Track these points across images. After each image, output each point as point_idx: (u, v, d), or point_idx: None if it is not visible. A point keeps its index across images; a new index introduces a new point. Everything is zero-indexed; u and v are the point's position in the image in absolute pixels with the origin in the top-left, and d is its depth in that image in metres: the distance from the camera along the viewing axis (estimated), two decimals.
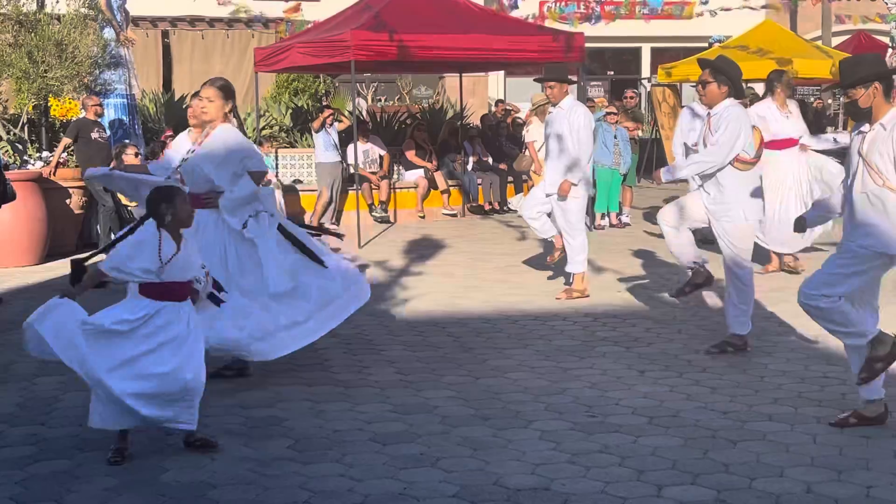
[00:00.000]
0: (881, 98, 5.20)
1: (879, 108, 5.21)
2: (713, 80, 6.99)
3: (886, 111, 5.19)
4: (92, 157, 12.51)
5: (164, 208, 4.98)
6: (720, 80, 6.98)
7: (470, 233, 14.38)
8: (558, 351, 7.24)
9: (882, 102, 5.20)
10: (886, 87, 5.21)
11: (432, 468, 4.88)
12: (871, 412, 5.43)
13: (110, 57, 13.97)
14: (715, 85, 6.99)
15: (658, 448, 5.13)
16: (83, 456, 5.13)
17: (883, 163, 5.14)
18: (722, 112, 6.98)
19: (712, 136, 6.97)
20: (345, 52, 13.44)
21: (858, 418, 5.42)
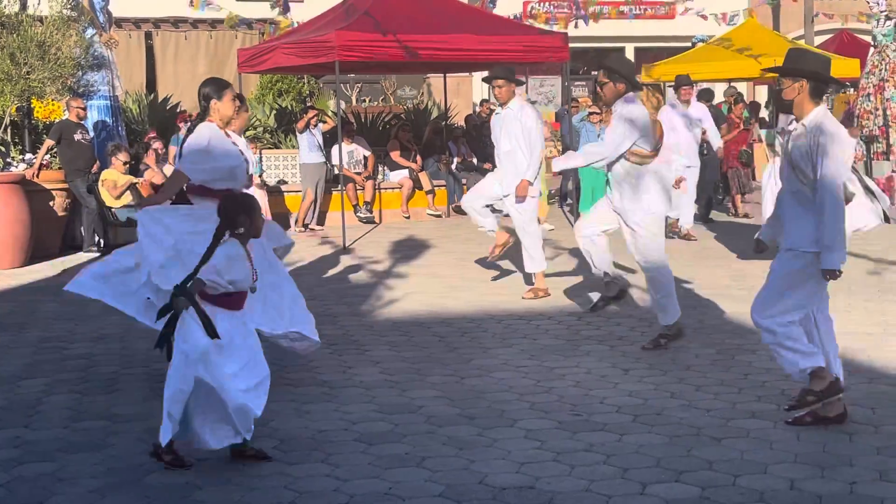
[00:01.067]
0: (806, 96, 5.23)
1: (804, 106, 5.24)
2: (608, 80, 7.12)
3: (810, 111, 5.21)
4: (75, 159, 12.48)
5: (243, 219, 4.92)
6: (615, 78, 7.11)
7: (455, 233, 14.39)
8: (543, 350, 7.25)
9: (807, 101, 5.23)
10: (815, 87, 5.23)
11: (417, 468, 4.88)
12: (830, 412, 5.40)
13: (93, 58, 13.92)
14: (611, 84, 7.12)
15: (642, 446, 5.15)
16: (67, 458, 5.11)
17: (804, 162, 5.16)
18: (619, 109, 7.12)
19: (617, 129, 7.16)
20: (329, 53, 13.44)
21: (815, 417, 5.41)
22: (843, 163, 5.16)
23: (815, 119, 5.18)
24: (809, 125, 5.18)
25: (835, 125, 5.18)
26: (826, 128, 5.13)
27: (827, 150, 5.08)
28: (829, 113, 5.29)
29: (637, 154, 7.10)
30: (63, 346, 7.68)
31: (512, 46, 14.73)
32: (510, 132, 8.99)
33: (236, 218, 4.93)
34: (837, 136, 5.13)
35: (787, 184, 5.33)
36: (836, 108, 22.64)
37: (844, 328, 7.66)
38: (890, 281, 9.68)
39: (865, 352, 6.96)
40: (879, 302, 8.68)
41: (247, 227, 4.95)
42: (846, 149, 5.19)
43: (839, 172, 5.12)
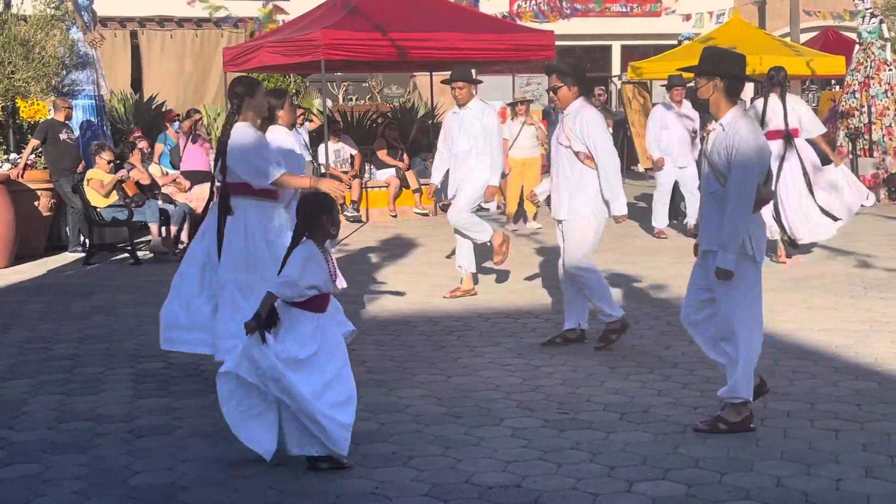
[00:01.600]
0: (722, 96, 5.21)
1: (720, 106, 5.22)
2: (561, 84, 7.02)
3: (727, 111, 5.20)
4: (61, 158, 12.42)
5: (325, 219, 4.83)
6: (568, 82, 7.01)
7: (442, 231, 14.34)
8: (530, 348, 7.24)
9: (723, 101, 5.21)
10: (729, 86, 5.20)
11: (404, 467, 4.87)
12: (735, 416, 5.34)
13: (77, 57, 13.85)
14: (565, 88, 7.03)
15: (629, 444, 5.15)
16: (52, 459, 5.09)
17: (721, 163, 5.15)
18: (575, 112, 7.00)
19: (564, 136, 7.04)
20: (315, 52, 13.41)
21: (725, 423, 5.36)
22: (756, 164, 5.11)
23: (732, 119, 5.17)
24: (727, 125, 5.17)
25: (751, 127, 5.17)
26: (742, 129, 5.11)
27: (740, 151, 5.06)
28: (747, 113, 5.28)
29: (589, 157, 7.05)
30: (48, 346, 7.64)
31: (498, 45, 14.73)
32: (469, 132, 9.02)
33: (317, 219, 4.82)
34: (752, 137, 5.11)
35: (705, 184, 5.31)
36: (822, 106, 22.71)
37: (830, 325, 7.71)
38: (875, 277, 9.70)
39: (851, 348, 6.98)
40: (865, 299, 8.70)
41: (327, 227, 4.85)
42: (761, 151, 5.14)
43: (749, 174, 5.08)
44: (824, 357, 6.79)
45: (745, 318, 5.22)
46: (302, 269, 4.71)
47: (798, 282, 9.59)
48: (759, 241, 5.19)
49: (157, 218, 12.13)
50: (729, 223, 5.08)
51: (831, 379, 6.26)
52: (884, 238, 12.46)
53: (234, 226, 6.29)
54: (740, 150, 5.05)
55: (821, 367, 6.52)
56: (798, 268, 10.39)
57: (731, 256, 5.09)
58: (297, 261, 4.73)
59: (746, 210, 5.09)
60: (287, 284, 4.71)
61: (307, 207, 4.85)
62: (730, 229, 5.08)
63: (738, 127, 5.12)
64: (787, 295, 8.96)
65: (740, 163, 5.05)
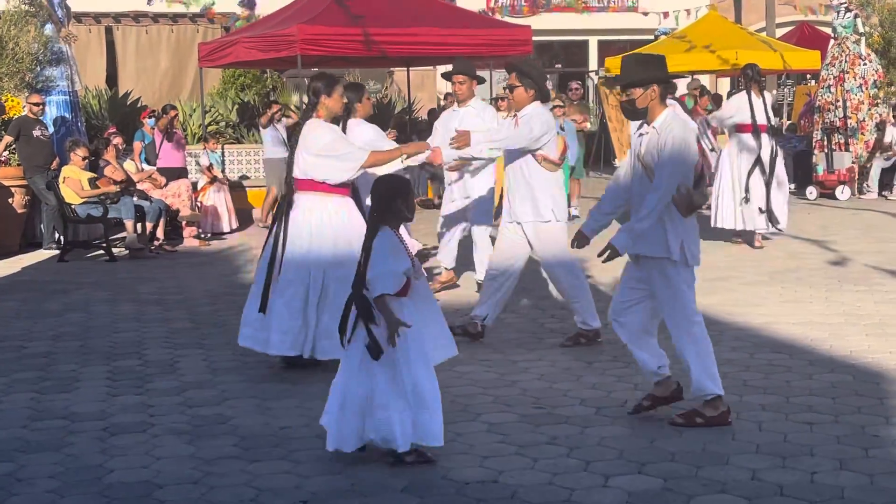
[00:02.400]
0: (657, 101, 5.25)
1: (654, 110, 5.26)
2: (520, 84, 6.94)
3: (660, 113, 5.24)
4: (34, 155, 12.34)
5: (400, 203, 4.76)
6: (526, 83, 6.93)
7: (418, 227, 14.31)
8: (506, 344, 7.24)
9: (657, 105, 5.25)
10: (663, 90, 5.26)
11: (379, 463, 4.85)
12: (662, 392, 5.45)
13: (51, 53, 13.76)
14: (522, 89, 6.95)
15: (605, 438, 5.15)
16: (26, 458, 5.04)
17: (654, 163, 5.18)
18: (530, 113, 6.93)
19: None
20: (291, 47, 13.37)
21: (653, 400, 5.46)
22: (685, 161, 5.14)
23: (666, 121, 5.21)
24: (660, 127, 5.20)
25: (683, 128, 5.20)
26: (675, 129, 5.15)
27: (672, 148, 5.11)
28: (678, 115, 5.33)
29: (548, 160, 7.02)
30: (21, 344, 7.58)
31: (475, 40, 14.74)
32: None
33: (393, 203, 4.76)
34: (684, 138, 5.15)
35: (637, 186, 5.31)
36: (798, 100, 22.84)
37: (805, 318, 7.75)
38: (850, 271, 9.75)
39: (827, 341, 7.01)
40: (840, 292, 8.75)
41: (403, 211, 4.79)
42: (691, 152, 5.18)
43: (678, 169, 5.12)
44: (799, 350, 6.82)
45: (681, 320, 5.28)
46: (393, 258, 4.67)
47: (773, 275, 9.63)
48: (692, 247, 5.26)
49: (133, 215, 12.06)
50: (644, 214, 5.12)
51: (806, 372, 6.28)
52: (858, 232, 12.54)
53: (302, 223, 6.37)
54: (672, 147, 5.11)
55: (796, 361, 6.55)
56: (774, 262, 10.44)
57: (628, 242, 5.12)
58: (384, 252, 4.67)
59: (665, 203, 5.12)
60: (390, 276, 4.65)
61: (382, 192, 4.78)
62: (642, 219, 5.12)
63: (671, 127, 5.17)
64: (762, 288, 8.99)
65: (670, 158, 5.10)
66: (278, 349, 6.37)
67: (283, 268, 6.36)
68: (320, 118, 6.40)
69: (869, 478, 4.53)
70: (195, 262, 11.71)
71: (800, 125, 20.18)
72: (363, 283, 4.68)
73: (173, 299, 9.30)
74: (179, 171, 13.94)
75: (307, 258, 6.33)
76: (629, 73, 5.30)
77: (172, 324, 8.21)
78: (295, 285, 6.34)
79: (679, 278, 5.24)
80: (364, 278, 4.67)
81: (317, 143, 6.29)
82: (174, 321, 8.32)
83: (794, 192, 17.65)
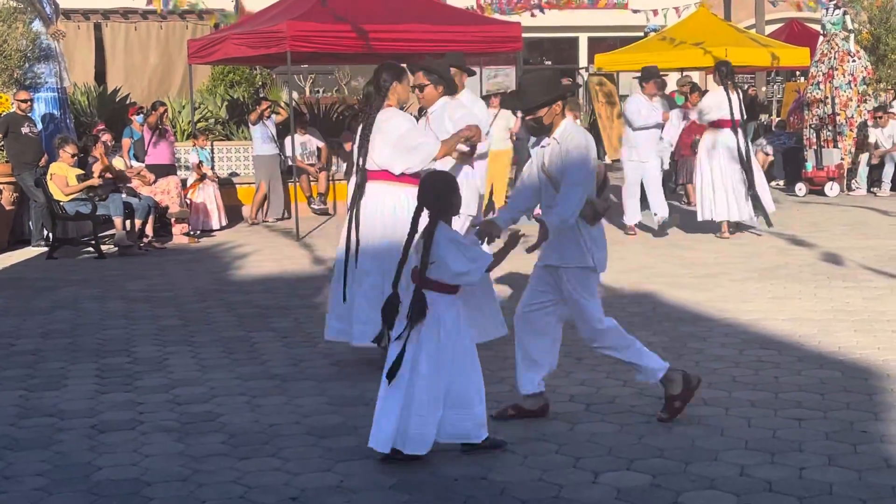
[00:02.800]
0: (559, 115, 5.32)
1: (556, 123, 5.32)
2: (428, 82, 6.94)
3: (559, 124, 5.30)
4: (23, 152, 12.31)
5: (455, 198, 4.84)
6: (433, 79, 6.94)
7: None
8: (496, 340, 7.21)
9: (559, 118, 5.32)
10: (565, 105, 5.36)
11: (368, 460, 4.85)
12: (531, 405, 5.46)
13: (40, 50, 13.71)
14: (431, 86, 6.94)
15: (595, 434, 5.16)
16: (13, 456, 5.02)
17: (558, 172, 5.20)
18: (438, 110, 6.93)
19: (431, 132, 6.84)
20: (280, 43, 13.34)
21: (518, 410, 5.47)
22: (587, 165, 5.17)
23: (566, 131, 5.25)
24: (560, 137, 5.25)
25: (583, 136, 5.26)
26: (575, 136, 5.21)
27: (573, 153, 5.15)
28: (577, 124, 5.39)
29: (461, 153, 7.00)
30: (10, 341, 7.56)
31: (465, 37, 14.70)
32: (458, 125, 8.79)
33: (449, 198, 4.82)
34: (584, 143, 5.20)
35: (546, 199, 5.34)
36: (787, 97, 22.88)
37: (794, 314, 7.76)
38: (838, 267, 9.78)
39: (815, 337, 7.03)
40: (829, 288, 8.77)
41: (456, 205, 4.85)
42: (591, 156, 5.22)
43: (584, 171, 5.14)
44: (788, 346, 6.83)
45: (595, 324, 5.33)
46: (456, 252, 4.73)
47: (762, 272, 9.65)
48: (599, 255, 5.28)
49: (122, 211, 12.02)
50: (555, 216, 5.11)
51: (795, 368, 6.30)
52: (846, 228, 12.57)
53: (375, 212, 6.36)
54: (573, 152, 5.15)
55: (785, 357, 6.56)
56: (762, 258, 10.46)
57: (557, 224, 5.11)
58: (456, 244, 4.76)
59: (577, 204, 5.12)
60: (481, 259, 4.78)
61: (439, 189, 4.84)
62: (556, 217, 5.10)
63: (572, 136, 5.22)
64: (751, 285, 9.01)
65: (574, 162, 5.13)
66: (360, 339, 6.34)
67: (359, 258, 6.36)
68: (392, 106, 6.41)
69: (857, 474, 4.54)
70: (184, 260, 11.69)
71: (789, 122, 20.22)
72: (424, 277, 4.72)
73: (162, 296, 9.28)
74: (168, 168, 13.90)
75: (382, 247, 6.31)
76: (534, 95, 5.35)
77: (161, 321, 8.20)
78: (372, 275, 6.34)
79: (588, 283, 5.29)
80: (425, 272, 4.72)
81: (396, 131, 6.31)
82: (163, 318, 8.30)
83: (783, 189, 17.73)
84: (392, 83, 6.41)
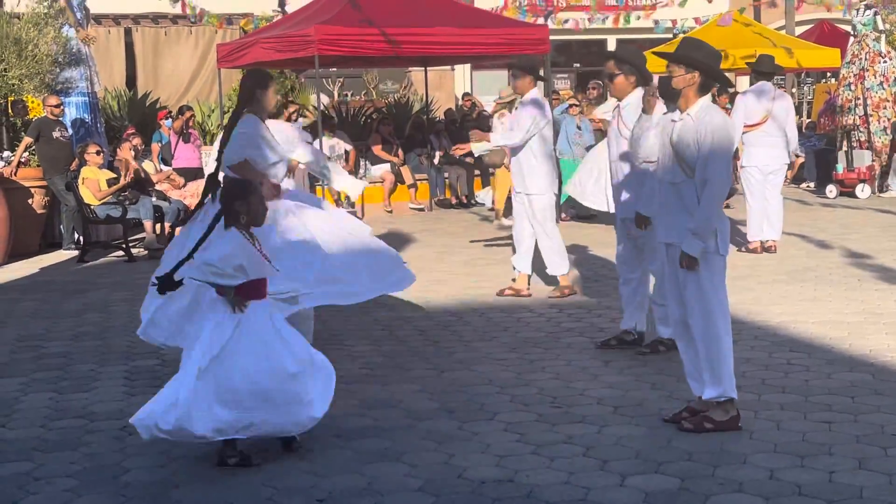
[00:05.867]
0: (695, 88, 5.17)
1: (690, 98, 5.18)
2: (619, 72, 6.83)
3: (695, 102, 5.17)
4: (55, 156, 12.40)
5: (239, 205, 4.84)
6: (625, 70, 6.83)
7: (437, 226, 14.36)
8: (524, 343, 7.23)
9: (693, 94, 5.18)
10: (704, 81, 5.18)
11: (397, 462, 4.86)
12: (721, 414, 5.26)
13: (70, 55, 13.83)
14: (622, 76, 6.83)
15: (622, 437, 5.14)
16: (44, 457, 5.07)
17: (689, 153, 5.11)
18: (636, 104, 6.67)
19: (626, 128, 6.70)
20: (308, 47, 13.40)
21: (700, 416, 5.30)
22: (729, 154, 5.12)
23: (702, 110, 5.14)
24: (695, 115, 5.14)
25: (721, 117, 5.15)
26: (714, 118, 5.09)
27: (715, 141, 5.04)
28: (714, 104, 5.26)
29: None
30: (40, 344, 7.62)
31: (493, 39, 14.72)
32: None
33: (233, 204, 4.85)
34: (725, 127, 5.10)
35: (667, 175, 5.26)
36: (817, 98, 22.71)
37: (825, 317, 7.70)
38: (869, 269, 9.69)
39: (846, 340, 6.97)
40: (860, 290, 8.69)
41: (244, 213, 4.85)
42: (732, 142, 5.16)
43: (726, 163, 5.08)
44: (819, 349, 6.78)
45: (713, 313, 5.20)
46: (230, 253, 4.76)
47: (793, 274, 9.58)
48: (725, 236, 5.19)
49: (151, 215, 12.10)
50: (703, 212, 5.07)
51: (825, 371, 6.25)
52: (878, 230, 12.46)
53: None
54: (715, 139, 5.05)
55: (815, 360, 6.51)
56: (793, 260, 10.38)
57: (699, 243, 5.08)
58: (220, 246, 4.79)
59: (720, 200, 5.11)
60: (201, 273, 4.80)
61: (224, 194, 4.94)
62: (703, 218, 5.06)
63: (711, 117, 5.10)
64: (781, 287, 8.95)
65: (715, 152, 5.04)
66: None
67: None
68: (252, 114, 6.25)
69: (888, 477, 4.49)
70: None
71: (819, 123, 20.06)
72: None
73: None
74: (196, 172, 13.97)
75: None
76: (681, 50, 5.26)
77: None
78: None
79: (712, 268, 5.18)
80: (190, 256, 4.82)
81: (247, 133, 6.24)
82: None
83: (813, 191, 17.61)
84: (255, 91, 6.25)
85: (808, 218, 12.58)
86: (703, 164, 5.07)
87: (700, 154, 5.07)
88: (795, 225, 12.36)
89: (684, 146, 5.12)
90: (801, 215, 13.76)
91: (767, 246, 10.92)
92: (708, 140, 5.04)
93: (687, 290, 5.21)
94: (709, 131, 5.05)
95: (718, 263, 5.20)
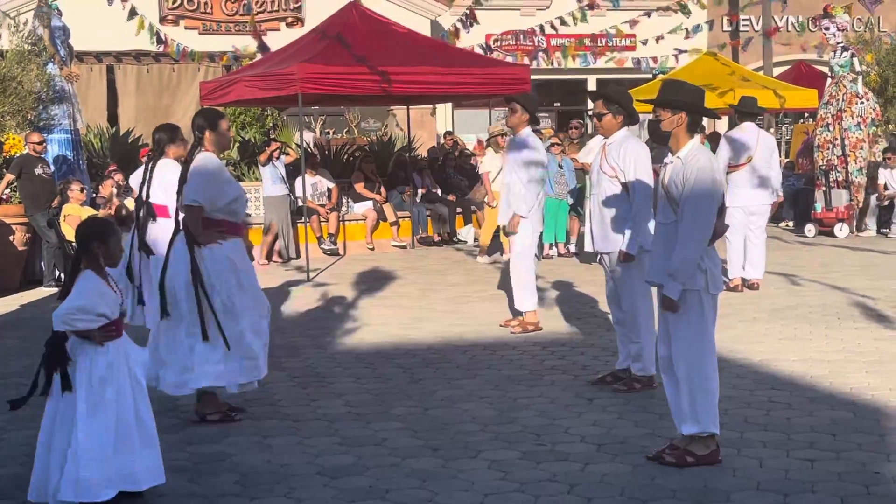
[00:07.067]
0: (683, 129, 5.26)
1: (679, 139, 5.27)
2: (607, 112, 6.93)
3: (685, 144, 5.25)
4: (36, 192, 12.39)
5: (95, 246, 4.85)
6: (613, 109, 6.93)
7: (419, 264, 14.38)
8: (507, 380, 7.24)
9: (683, 134, 5.26)
10: (692, 120, 5.27)
11: (381, 500, 4.85)
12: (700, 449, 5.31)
13: (54, 92, 13.85)
14: (610, 115, 6.93)
15: (606, 475, 5.15)
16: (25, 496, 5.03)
17: (678, 194, 5.17)
18: (620, 142, 6.89)
19: (607, 163, 6.89)
20: (291, 86, 13.44)
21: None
22: (711, 196, 5.13)
23: (691, 151, 5.21)
24: (685, 157, 5.21)
25: (707, 158, 5.21)
26: (700, 160, 5.15)
27: (697, 181, 5.10)
28: (703, 146, 5.34)
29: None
30: (23, 381, 7.55)
31: (474, 79, 14.81)
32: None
33: (89, 245, 4.84)
34: (710, 169, 5.15)
35: (660, 216, 5.32)
36: (795, 139, 22.92)
37: (805, 355, 7.75)
38: (849, 308, 9.76)
39: (827, 378, 7.01)
40: (839, 329, 8.75)
41: (101, 254, 4.85)
42: (717, 184, 5.18)
43: (704, 205, 5.10)
44: (800, 387, 6.82)
45: (702, 352, 5.23)
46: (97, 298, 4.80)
47: (773, 312, 9.64)
48: (715, 276, 5.22)
49: None
50: (679, 253, 5.11)
51: (807, 409, 6.28)
52: (856, 269, 12.56)
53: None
54: (697, 180, 5.10)
55: (796, 398, 6.55)
56: (773, 298, 10.45)
57: (677, 286, 5.11)
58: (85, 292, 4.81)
59: (699, 241, 5.12)
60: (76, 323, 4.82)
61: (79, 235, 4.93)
62: (680, 259, 5.10)
63: (696, 159, 5.16)
64: (762, 325, 9.00)
65: (696, 193, 5.09)
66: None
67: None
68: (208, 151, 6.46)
69: None
70: None
71: (798, 163, 20.26)
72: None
73: None
74: None
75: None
76: (664, 94, 5.33)
77: None
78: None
79: (702, 308, 5.21)
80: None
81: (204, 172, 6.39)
82: None
83: (792, 230, 17.74)
84: (205, 130, 6.41)
85: (788, 256, 12.67)
86: (684, 205, 5.13)
87: (682, 194, 5.13)
88: (775, 264, 12.44)
89: (673, 187, 5.18)
90: (780, 254, 13.86)
91: (750, 283, 11.00)
92: (691, 180, 5.10)
93: (675, 328, 5.24)
94: (693, 172, 5.11)
95: (708, 302, 5.24)
